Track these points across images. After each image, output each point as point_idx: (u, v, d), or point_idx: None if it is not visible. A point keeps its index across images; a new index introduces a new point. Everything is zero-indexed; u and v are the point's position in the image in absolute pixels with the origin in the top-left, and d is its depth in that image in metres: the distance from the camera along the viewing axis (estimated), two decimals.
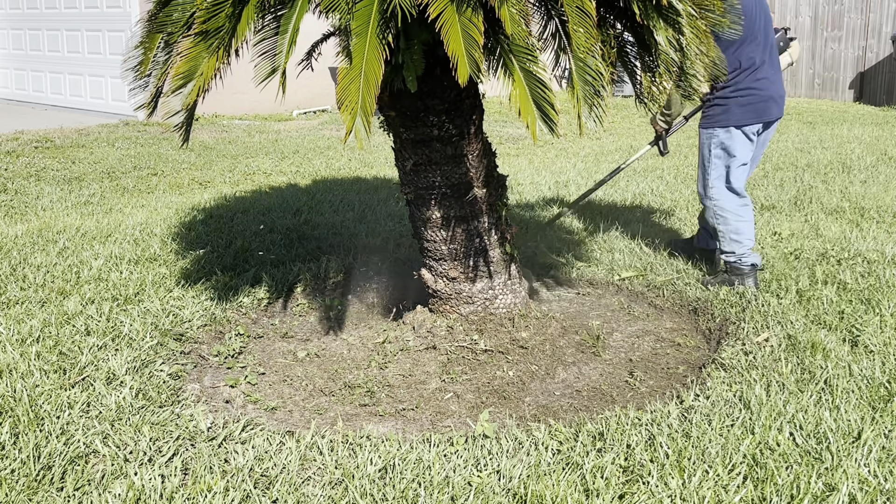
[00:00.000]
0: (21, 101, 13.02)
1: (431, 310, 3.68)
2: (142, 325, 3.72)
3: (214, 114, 11.10)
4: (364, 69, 2.49)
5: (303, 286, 4.39)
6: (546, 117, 2.57)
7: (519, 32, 2.49)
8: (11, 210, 6.16)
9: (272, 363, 3.59)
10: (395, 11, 2.41)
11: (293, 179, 7.29)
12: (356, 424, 3.02)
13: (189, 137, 3.07)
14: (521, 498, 2.46)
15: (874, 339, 3.46)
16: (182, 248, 4.95)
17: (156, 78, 3.12)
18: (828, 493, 2.44)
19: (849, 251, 4.61)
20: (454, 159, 3.38)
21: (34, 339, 3.52)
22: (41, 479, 2.55)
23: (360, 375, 3.40)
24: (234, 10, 2.67)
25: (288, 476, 2.58)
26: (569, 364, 3.48)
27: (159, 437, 2.80)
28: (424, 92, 3.20)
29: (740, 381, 3.13)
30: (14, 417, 2.86)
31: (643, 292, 4.29)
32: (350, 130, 2.47)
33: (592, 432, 2.81)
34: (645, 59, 3.22)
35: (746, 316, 3.78)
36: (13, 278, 4.34)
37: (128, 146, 8.97)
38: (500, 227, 3.59)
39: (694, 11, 2.93)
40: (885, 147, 8.33)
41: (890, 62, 12.68)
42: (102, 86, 11.58)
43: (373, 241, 5.15)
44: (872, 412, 2.88)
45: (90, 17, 11.57)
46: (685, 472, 2.54)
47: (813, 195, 6.15)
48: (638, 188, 6.58)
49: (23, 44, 12.93)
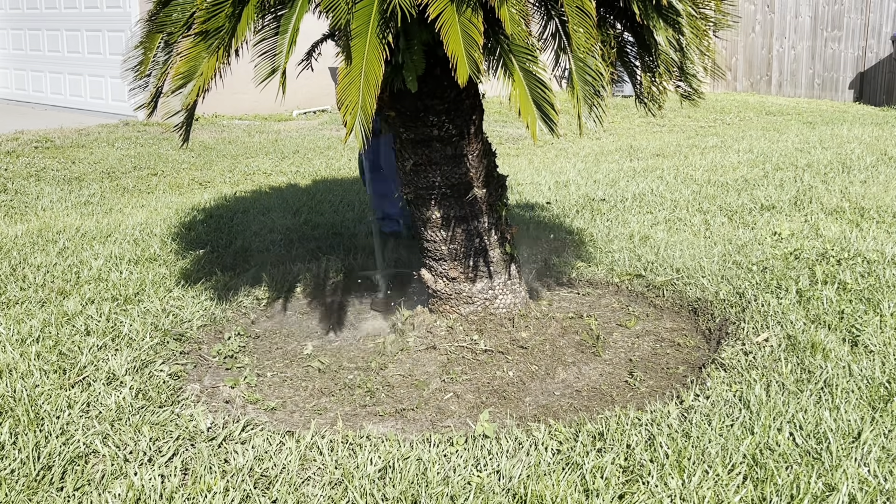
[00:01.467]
0: (21, 101, 13.02)
1: (431, 310, 3.68)
2: (142, 325, 3.72)
3: (214, 114, 11.10)
4: (364, 69, 2.49)
5: (303, 286, 4.39)
6: (546, 117, 2.57)
7: (519, 32, 2.49)
8: (11, 210, 6.16)
9: (272, 363, 3.59)
10: (394, 11, 2.41)
11: (293, 179, 7.30)
12: (356, 424, 3.02)
13: (189, 137, 3.07)
14: (521, 498, 2.46)
15: (874, 339, 3.46)
16: (182, 248, 4.95)
17: (156, 78, 3.12)
18: (828, 493, 2.44)
19: (849, 251, 4.61)
20: (454, 159, 3.38)
21: (34, 339, 3.52)
22: (41, 479, 2.55)
23: (360, 375, 3.40)
24: (234, 10, 2.67)
25: (288, 476, 2.58)
26: (569, 364, 3.48)
27: (159, 437, 2.80)
28: (424, 92, 3.20)
29: (740, 381, 3.13)
30: (14, 417, 2.86)
31: (643, 292, 4.29)
32: (350, 130, 2.47)
33: (592, 432, 2.81)
34: (645, 59, 3.23)
35: (746, 316, 3.78)
36: (13, 278, 4.34)
37: (128, 146, 8.97)
38: (500, 227, 3.59)
39: (694, 11, 2.93)
40: (885, 147, 8.33)
41: (890, 62, 12.69)
42: (102, 86, 11.58)
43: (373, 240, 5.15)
44: (872, 412, 2.88)
45: (90, 17, 11.57)
46: (685, 472, 2.54)
47: (813, 195, 6.16)
48: (638, 188, 6.58)
49: (23, 44, 12.93)
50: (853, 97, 13.19)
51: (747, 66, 14.29)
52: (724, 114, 11.62)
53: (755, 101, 13.10)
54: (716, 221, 5.47)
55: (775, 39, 13.93)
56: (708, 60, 3.14)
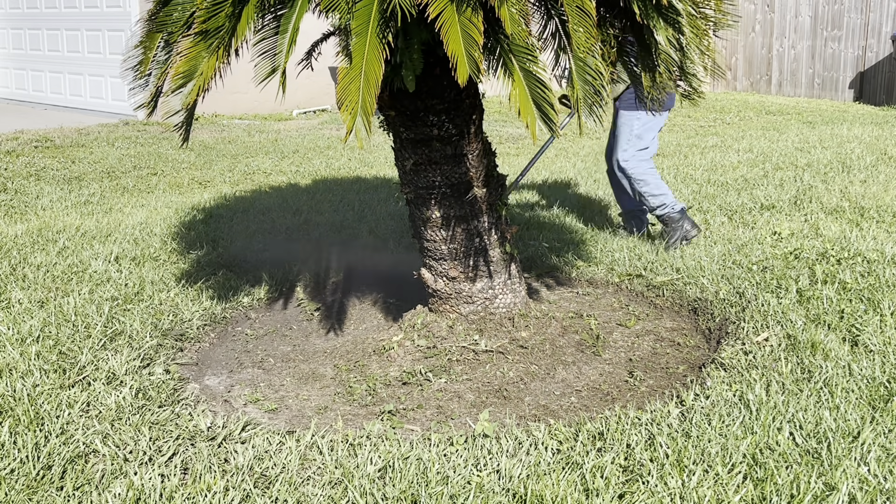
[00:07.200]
0: (21, 100, 13.01)
1: (431, 309, 3.68)
2: (142, 325, 3.72)
3: (214, 113, 11.10)
4: (364, 69, 2.49)
5: (303, 286, 4.39)
6: (546, 117, 2.57)
7: (519, 32, 2.49)
8: (11, 210, 6.16)
9: (272, 363, 3.59)
10: (394, 11, 2.41)
11: (293, 179, 7.30)
12: (356, 424, 3.02)
13: (189, 137, 3.07)
14: (521, 497, 2.46)
15: (874, 339, 3.46)
16: (182, 247, 4.95)
17: (156, 77, 3.12)
18: (828, 492, 2.44)
19: (849, 251, 4.61)
20: (454, 159, 3.38)
21: (34, 339, 3.52)
22: (41, 479, 2.55)
23: (360, 375, 3.40)
24: (233, 10, 2.67)
25: (288, 476, 2.58)
26: (569, 364, 3.48)
27: (159, 437, 2.80)
28: (424, 91, 3.21)
29: (740, 381, 3.13)
30: (14, 417, 2.86)
31: (643, 292, 4.29)
32: (350, 130, 2.47)
33: (592, 432, 2.81)
34: (645, 59, 3.22)
35: (746, 315, 3.78)
36: (13, 278, 4.34)
37: (128, 146, 8.96)
38: (500, 226, 3.60)
39: (694, 11, 2.93)
40: (885, 147, 8.33)
41: (890, 62, 12.68)
42: (102, 85, 11.58)
43: (373, 240, 5.15)
44: (872, 412, 2.88)
45: (90, 16, 11.57)
46: (685, 471, 2.54)
47: (813, 195, 6.15)
48: None
49: (23, 43, 12.93)
50: (853, 97, 13.19)
51: (747, 66, 14.29)
52: (723, 113, 11.61)
53: (755, 100, 13.10)
54: (716, 221, 5.47)
55: (775, 39, 13.92)
56: (708, 60, 3.14)
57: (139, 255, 4.74)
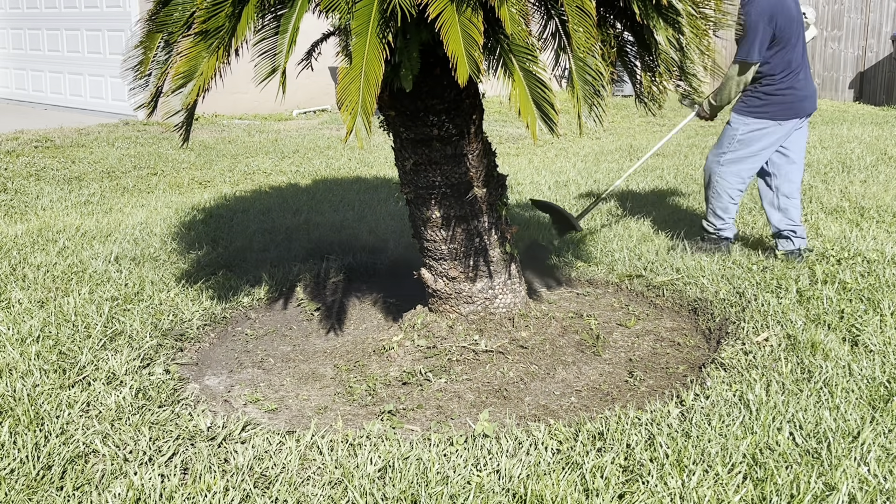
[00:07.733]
0: (21, 100, 13.01)
1: (431, 309, 3.68)
2: (142, 325, 3.72)
3: (214, 113, 11.10)
4: (364, 69, 2.49)
5: (303, 286, 4.39)
6: (546, 117, 2.57)
7: (519, 32, 2.49)
8: (11, 210, 6.16)
9: (272, 363, 3.59)
10: (394, 11, 2.41)
11: (293, 179, 7.30)
12: (356, 424, 3.02)
13: (189, 137, 3.07)
14: (521, 497, 2.46)
15: (874, 339, 3.46)
16: (182, 247, 4.95)
17: (156, 77, 3.12)
18: (828, 492, 2.44)
19: (849, 251, 4.61)
20: (454, 159, 3.38)
21: (34, 339, 3.52)
22: (41, 479, 2.55)
23: (360, 375, 3.40)
24: (233, 10, 2.67)
25: (288, 476, 2.58)
26: (569, 364, 3.48)
27: (159, 437, 2.80)
28: (424, 91, 3.21)
29: (740, 381, 3.13)
30: (14, 417, 2.86)
31: (643, 292, 4.29)
32: (350, 130, 2.47)
33: (592, 432, 2.81)
34: (645, 59, 3.23)
35: (746, 315, 3.78)
36: (13, 278, 4.34)
37: (128, 146, 8.96)
38: (500, 226, 3.60)
39: (694, 11, 2.93)
40: (885, 147, 8.33)
41: (890, 62, 12.68)
42: (102, 85, 11.58)
43: (373, 240, 5.15)
44: (872, 412, 2.88)
45: (90, 16, 11.56)
46: (685, 471, 2.54)
47: (813, 195, 6.15)
48: (638, 188, 6.58)
49: (23, 43, 12.93)
50: (853, 97, 13.19)
51: None
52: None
53: None
54: None
55: None
56: (708, 60, 3.14)
57: (139, 255, 4.73)
